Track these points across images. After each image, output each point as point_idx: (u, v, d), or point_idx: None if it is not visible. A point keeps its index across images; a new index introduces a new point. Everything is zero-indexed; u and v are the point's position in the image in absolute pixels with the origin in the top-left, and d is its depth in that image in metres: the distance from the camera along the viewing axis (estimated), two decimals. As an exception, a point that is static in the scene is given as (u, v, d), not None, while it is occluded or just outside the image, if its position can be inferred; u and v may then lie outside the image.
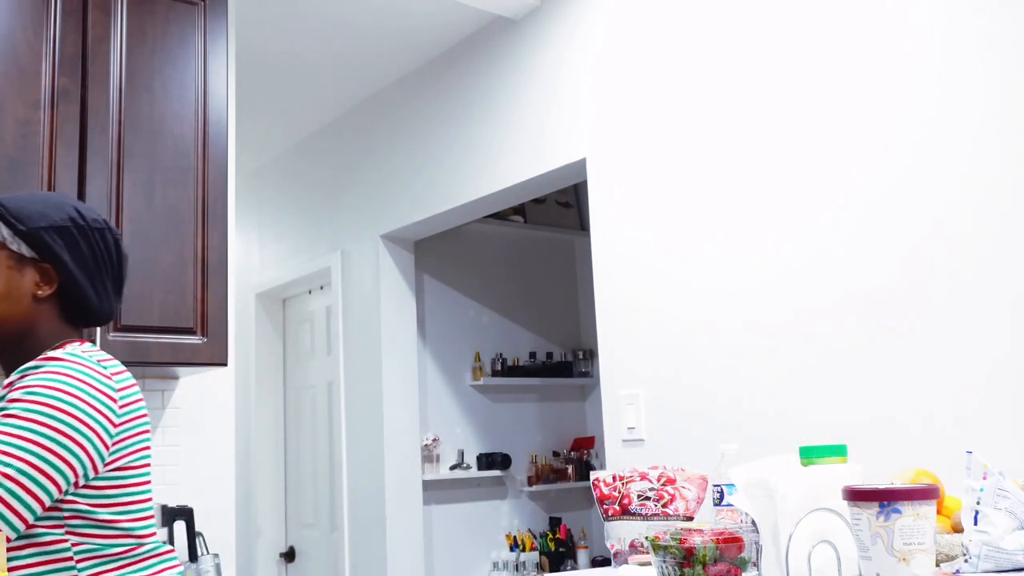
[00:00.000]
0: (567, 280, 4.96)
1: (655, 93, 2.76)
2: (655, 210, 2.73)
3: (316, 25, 3.44)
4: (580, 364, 4.83)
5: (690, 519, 1.79)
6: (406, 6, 3.33)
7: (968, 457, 1.46)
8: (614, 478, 1.85)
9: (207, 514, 2.54)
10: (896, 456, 1.98)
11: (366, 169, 4.14)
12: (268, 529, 4.74)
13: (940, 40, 2.07)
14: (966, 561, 1.35)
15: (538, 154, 3.18)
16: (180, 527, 2.31)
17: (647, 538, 1.32)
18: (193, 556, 2.31)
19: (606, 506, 1.83)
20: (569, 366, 4.79)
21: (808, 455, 1.44)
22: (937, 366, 2.03)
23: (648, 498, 1.79)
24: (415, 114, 3.85)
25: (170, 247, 2.31)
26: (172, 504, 2.36)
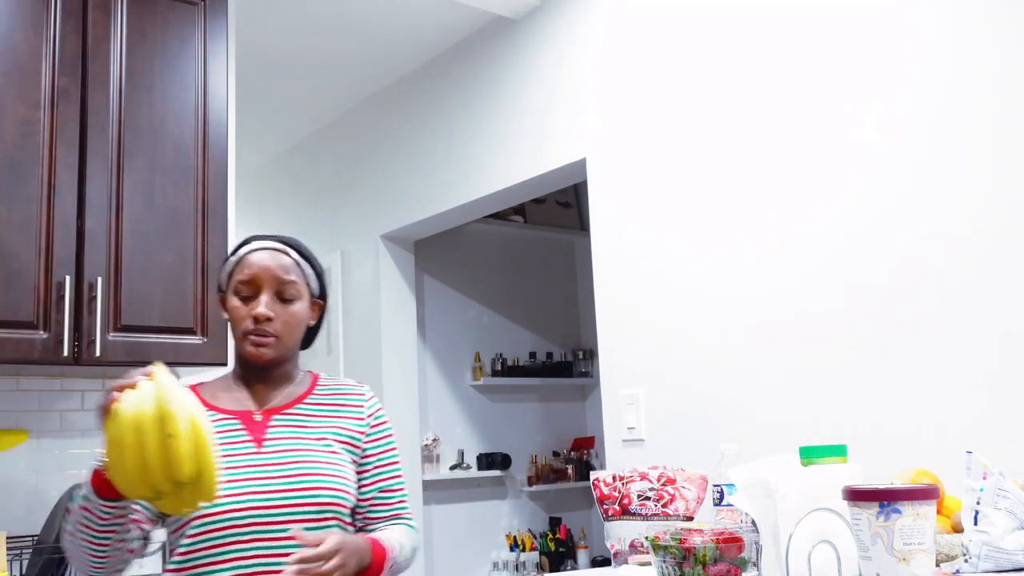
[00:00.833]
0: (567, 280, 4.96)
1: (655, 93, 2.76)
2: (655, 210, 2.73)
3: (316, 25, 3.44)
4: (580, 364, 4.83)
5: (690, 519, 1.79)
6: (406, 6, 3.33)
7: (968, 457, 1.46)
8: (614, 478, 1.85)
9: (207, 514, 2.54)
10: (896, 456, 1.97)
11: (366, 169, 4.14)
12: (268, 529, 4.74)
13: (942, 41, 2.07)
14: (966, 561, 1.35)
15: (538, 154, 3.18)
16: (180, 527, 2.30)
17: (647, 538, 1.32)
18: (193, 556, 2.31)
19: (606, 506, 1.83)
20: (569, 366, 4.79)
21: (808, 455, 1.44)
22: (937, 366, 2.03)
23: (648, 498, 1.79)
24: (415, 114, 3.85)
25: (170, 247, 2.31)
26: (172, 504, 2.36)
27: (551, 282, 4.91)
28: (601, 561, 4.37)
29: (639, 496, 1.80)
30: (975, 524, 1.38)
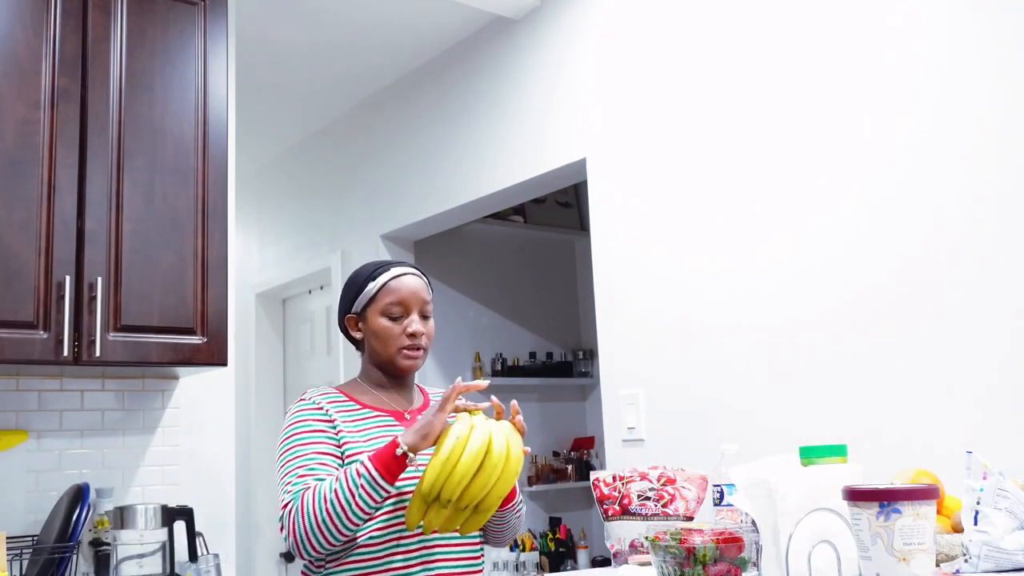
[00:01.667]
0: (567, 280, 4.96)
1: (655, 93, 2.76)
2: (655, 210, 2.73)
3: (316, 25, 3.45)
4: (580, 364, 4.83)
5: (690, 519, 1.79)
6: (406, 6, 3.33)
7: (968, 457, 1.46)
8: (614, 478, 1.85)
9: (207, 514, 2.54)
10: (896, 456, 1.97)
11: (366, 169, 4.14)
12: (268, 529, 4.74)
13: (942, 41, 2.07)
14: (966, 561, 1.35)
15: (538, 154, 3.18)
16: (180, 527, 2.30)
17: (647, 538, 1.32)
18: (193, 556, 2.31)
19: (606, 506, 1.83)
20: (569, 366, 4.79)
21: (808, 455, 1.44)
22: (937, 366, 2.03)
23: (648, 498, 1.79)
24: (415, 114, 3.85)
25: (170, 247, 2.31)
26: (172, 504, 2.36)
27: (551, 282, 4.91)
28: (601, 561, 4.37)
29: (639, 496, 1.80)
30: (975, 524, 1.38)
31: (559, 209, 4.91)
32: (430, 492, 1.54)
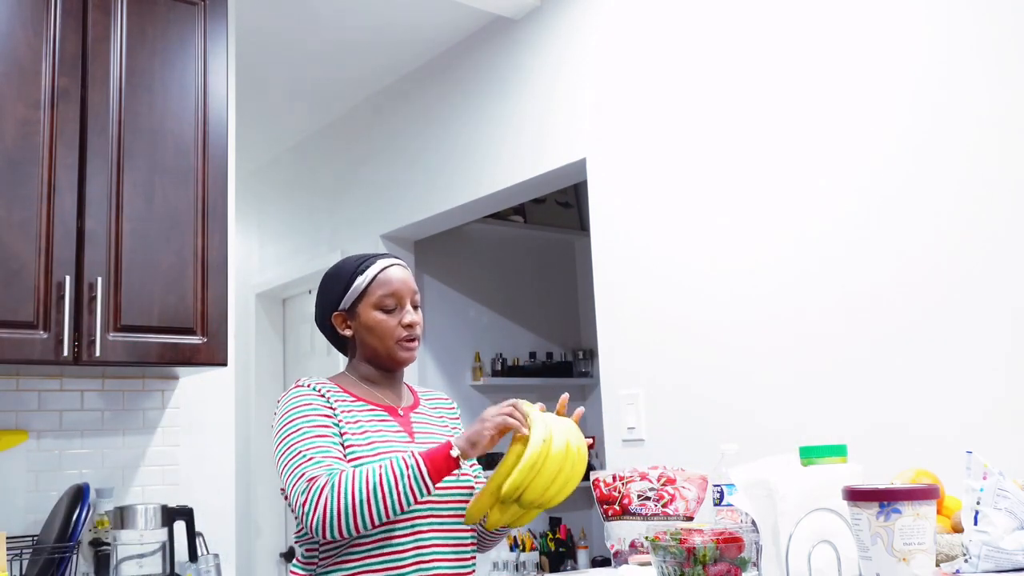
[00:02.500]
0: (567, 280, 4.96)
1: (655, 93, 2.76)
2: (655, 210, 2.73)
3: (316, 25, 3.45)
4: (580, 364, 4.83)
5: (690, 519, 1.79)
6: (406, 6, 3.33)
7: (968, 457, 1.46)
8: (614, 478, 1.85)
9: (207, 514, 2.54)
10: (896, 456, 1.97)
11: (366, 169, 4.14)
12: (268, 529, 4.74)
13: (942, 41, 2.07)
14: (966, 561, 1.35)
15: (538, 154, 3.18)
16: (180, 527, 2.31)
17: (647, 538, 1.32)
18: (193, 556, 2.31)
19: (606, 506, 1.83)
20: (569, 366, 4.79)
21: (808, 455, 1.44)
22: (937, 366, 2.03)
23: (648, 498, 1.79)
24: (415, 114, 3.85)
25: (170, 247, 2.31)
26: (172, 504, 2.36)
27: (551, 282, 4.90)
28: (601, 561, 4.37)
29: (639, 496, 1.80)
30: (975, 524, 1.38)
31: (559, 209, 4.91)
32: (512, 493, 1.54)
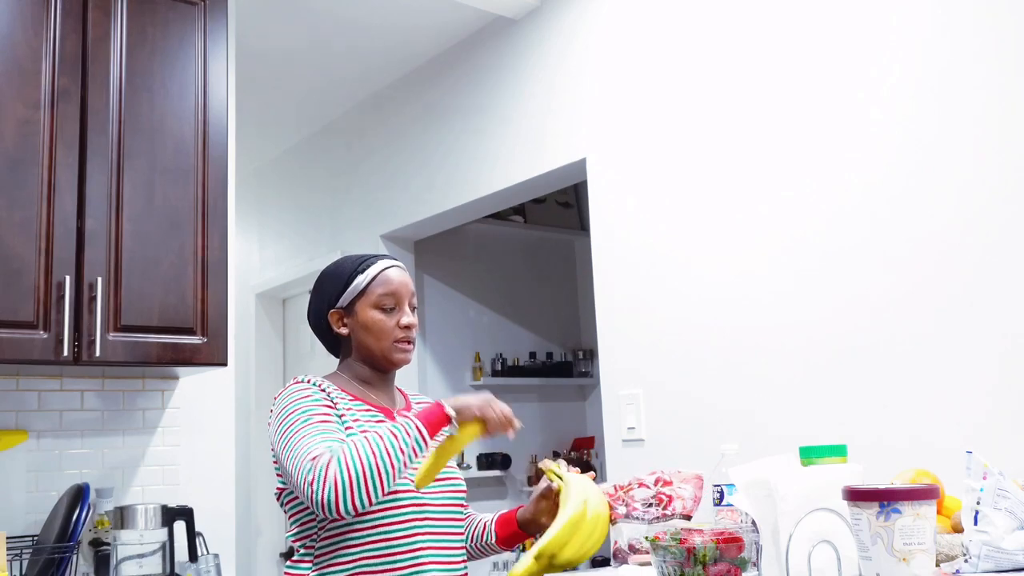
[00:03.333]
0: (567, 280, 4.96)
1: (655, 93, 2.76)
2: (655, 210, 2.73)
3: (316, 25, 3.45)
4: (580, 364, 4.83)
5: (688, 518, 1.79)
6: (406, 6, 3.33)
7: (968, 457, 1.46)
8: (616, 488, 1.86)
9: (207, 514, 2.54)
10: (896, 456, 1.97)
11: (366, 169, 4.14)
12: (268, 529, 4.74)
13: (943, 43, 2.07)
14: (966, 561, 1.35)
15: (538, 154, 3.18)
16: (180, 527, 2.30)
17: (647, 538, 1.32)
18: (193, 556, 2.31)
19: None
20: (569, 366, 4.79)
21: (808, 455, 1.44)
22: (937, 366, 2.03)
23: (651, 504, 1.80)
24: (415, 114, 3.85)
25: (170, 247, 2.31)
26: (172, 504, 2.36)
27: (551, 282, 4.91)
28: (601, 561, 4.36)
29: (643, 503, 1.81)
30: (975, 524, 1.38)
31: (559, 209, 4.91)
32: (546, 551, 1.50)
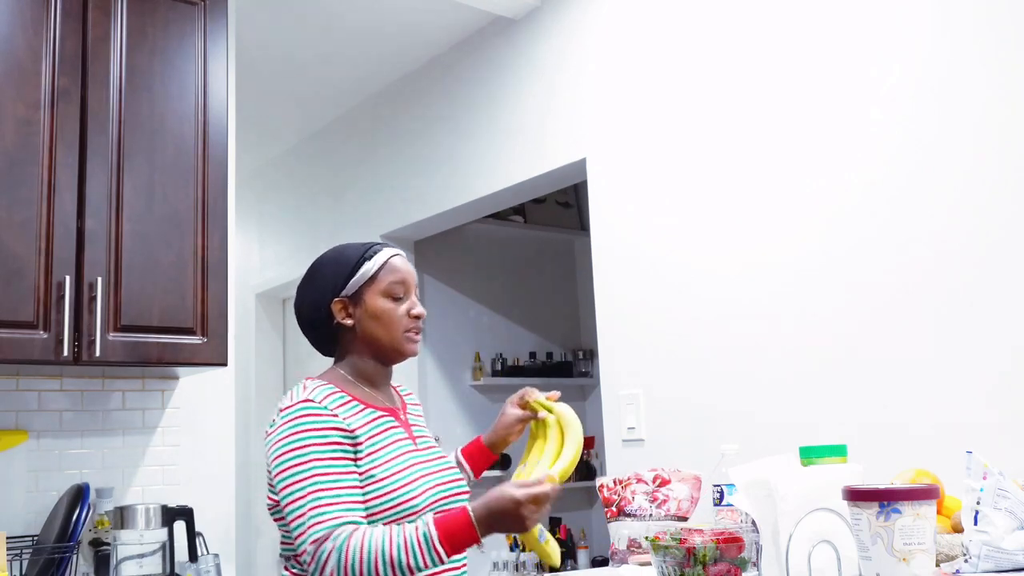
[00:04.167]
0: (567, 280, 4.96)
1: (655, 93, 2.76)
2: (655, 210, 2.73)
3: (316, 25, 3.44)
4: (580, 364, 4.83)
5: (684, 519, 1.79)
6: (406, 6, 3.33)
7: (968, 457, 1.46)
8: (615, 482, 1.86)
9: (207, 514, 2.54)
10: (896, 456, 1.97)
11: (366, 169, 4.14)
12: (268, 529, 4.74)
13: (944, 43, 2.07)
14: (966, 561, 1.35)
15: (538, 154, 3.18)
16: (180, 527, 2.30)
17: (647, 538, 1.32)
18: (193, 556, 2.31)
19: (606, 509, 1.84)
20: (569, 366, 4.79)
21: (808, 455, 1.44)
22: (938, 366, 2.03)
23: (645, 500, 1.80)
24: (415, 114, 3.85)
25: (170, 247, 2.31)
26: (172, 504, 2.35)
27: (551, 282, 4.91)
28: (601, 561, 4.37)
29: (635, 498, 1.81)
30: (975, 524, 1.38)
31: (559, 209, 4.91)
32: (564, 476, 1.57)
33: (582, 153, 3.00)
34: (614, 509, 1.82)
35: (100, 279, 2.18)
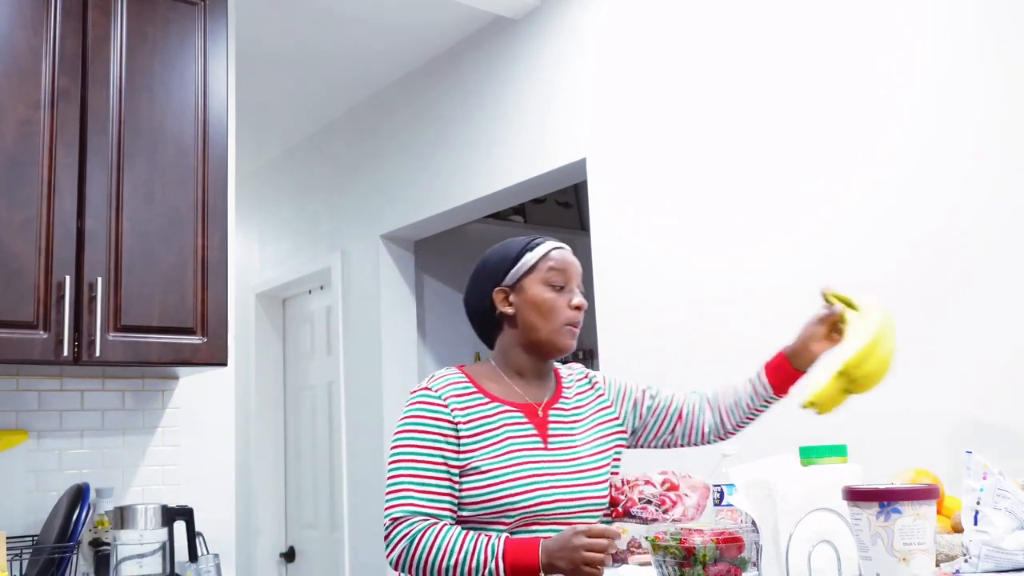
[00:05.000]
0: (567, 280, 4.95)
1: (655, 93, 2.76)
2: (655, 210, 2.73)
3: (316, 25, 3.45)
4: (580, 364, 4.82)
5: (688, 526, 1.79)
6: (406, 6, 3.33)
7: (968, 457, 1.46)
8: (623, 482, 1.86)
9: (207, 514, 2.54)
10: (896, 456, 1.97)
11: (366, 169, 4.14)
12: (268, 529, 4.74)
13: (945, 43, 2.07)
14: (966, 561, 1.35)
15: (538, 154, 3.18)
16: (180, 527, 2.30)
17: (647, 538, 1.32)
18: (193, 556, 2.31)
19: (611, 508, 1.84)
20: (569, 366, 4.79)
21: (808, 455, 1.44)
22: (937, 366, 2.03)
23: (650, 502, 1.80)
24: (415, 114, 3.85)
25: (170, 247, 2.31)
26: (172, 504, 2.35)
27: (551, 282, 4.90)
28: (601, 561, 4.35)
29: (641, 500, 1.81)
30: (975, 524, 1.38)
31: (559, 209, 4.91)
32: (851, 365, 1.48)
33: (582, 153, 3.00)
34: (619, 509, 1.82)
35: (100, 279, 2.18)
